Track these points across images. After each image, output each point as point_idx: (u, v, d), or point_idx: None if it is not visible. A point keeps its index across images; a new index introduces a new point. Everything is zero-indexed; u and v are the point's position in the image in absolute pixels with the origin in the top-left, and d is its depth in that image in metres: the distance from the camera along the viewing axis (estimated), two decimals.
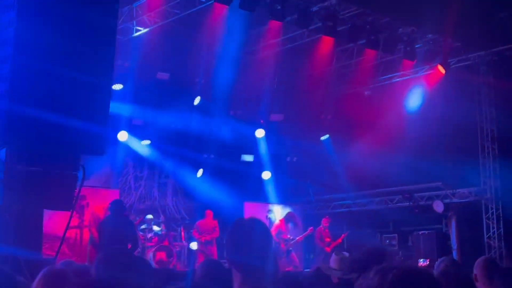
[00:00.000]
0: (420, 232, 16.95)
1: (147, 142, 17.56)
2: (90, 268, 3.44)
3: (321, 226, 16.16)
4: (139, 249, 13.25)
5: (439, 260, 5.01)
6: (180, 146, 17.94)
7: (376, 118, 17.51)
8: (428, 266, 13.64)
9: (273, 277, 3.08)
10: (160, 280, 4.19)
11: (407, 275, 2.12)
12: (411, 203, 17.66)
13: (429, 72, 16.87)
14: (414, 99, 17.09)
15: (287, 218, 15.87)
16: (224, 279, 4.60)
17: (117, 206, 11.13)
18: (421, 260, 14.66)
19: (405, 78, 17.56)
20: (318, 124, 19.33)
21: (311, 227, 16.26)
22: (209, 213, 15.74)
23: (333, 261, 5.50)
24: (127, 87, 16.20)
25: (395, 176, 17.24)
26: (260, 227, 3.06)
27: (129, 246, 10.58)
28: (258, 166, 19.20)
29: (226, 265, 5.65)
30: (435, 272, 4.06)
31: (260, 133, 19.11)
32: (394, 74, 17.71)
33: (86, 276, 3.41)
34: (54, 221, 12.64)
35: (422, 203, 17.46)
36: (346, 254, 5.71)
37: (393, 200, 18.19)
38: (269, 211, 17.08)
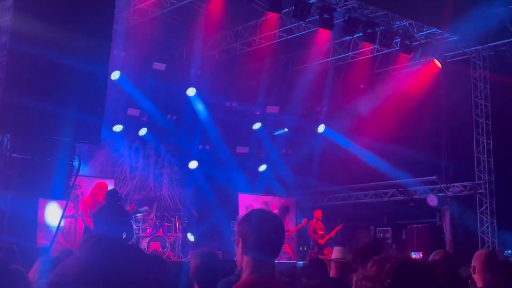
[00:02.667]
0: (414, 226, 17.00)
1: (143, 132, 17.55)
2: None
3: (314, 219, 16.17)
4: (133, 239, 13.26)
5: (434, 252, 5.02)
6: (176, 137, 17.96)
7: (371, 111, 17.54)
8: (421, 259, 13.67)
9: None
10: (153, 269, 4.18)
11: (405, 266, 2.13)
12: (405, 196, 17.72)
13: (425, 66, 16.88)
14: None
15: (282, 210, 15.87)
16: (219, 269, 4.63)
17: (113, 196, 11.13)
18: (414, 253, 14.69)
19: (401, 71, 17.58)
20: (314, 117, 19.34)
21: (305, 219, 16.28)
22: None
23: (336, 252, 5.52)
24: (123, 77, 16.18)
25: (390, 169, 17.29)
26: (275, 219, 3.12)
27: (124, 235, 10.59)
28: (253, 158, 19.21)
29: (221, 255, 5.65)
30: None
31: (256, 125, 19.13)
32: (390, 68, 17.71)
33: None
34: (48, 210, 12.68)
35: (416, 197, 17.51)
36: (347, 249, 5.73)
37: (387, 194, 18.23)
38: (264, 203, 17.07)
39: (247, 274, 2.99)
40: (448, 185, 16.85)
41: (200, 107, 18.06)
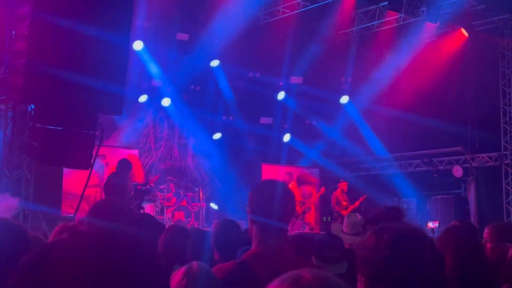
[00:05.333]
0: (439, 197, 16.92)
1: (168, 102, 17.62)
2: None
3: (338, 189, 16.16)
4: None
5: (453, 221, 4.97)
6: (199, 107, 17.99)
7: (396, 81, 17.37)
8: (438, 228, 13.59)
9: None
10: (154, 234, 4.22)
11: (403, 236, 2.12)
12: (430, 167, 17.62)
13: (451, 35, 16.62)
14: None
15: (298, 180, 15.85)
16: (239, 237, 4.66)
17: (122, 165, 11.48)
18: (430, 222, 14.57)
19: (427, 41, 17.32)
20: (338, 87, 19.21)
21: (323, 187, 16.28)
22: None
23: (345, 226, 5.47)
24: (146, 48, 16.21)
25: (414, 140, 17.17)
26: (284, 190, 3.12)
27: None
28: (276, 129, 19.20)
29: (244, 224, 5.68)
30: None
31: (280, 95, 19.07)
32: (416, 37, 17.45)
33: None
34: (75, 179, 12.89)
35: (441, 167, 17.41)
36: (359, 216, 5.63)
37: (412, 165, 18.14)
38: (287, 173, 17.10)
39: (255, 244, 3.01)
40: (474, 155, 16.70)
41: (223, 77, 18.03)
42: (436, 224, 13.81)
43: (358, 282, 2.15)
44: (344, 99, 19.12)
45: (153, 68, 16.84)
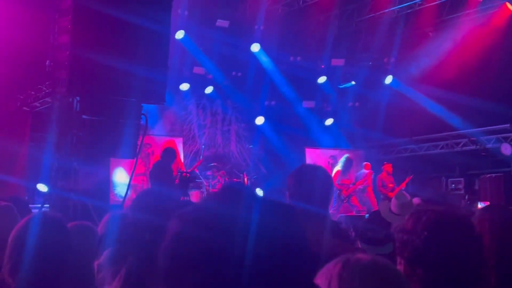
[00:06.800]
0: (487, 176, 16.57)
1: (210, 89, 17.73)
2: None
3: (383, 172, 15.98)
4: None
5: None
6: (242, 93, 18.05)
7: (441, 59, 17.04)
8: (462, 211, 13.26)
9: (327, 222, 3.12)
10: None
11: (442, 219, 2.10)
12: (478, 146, 17.28)
13: (496, 10, 16.19)
14: None
15: (346, 163, 15.63)
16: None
17: (166, 153, 11.62)
18: (480, 203, 14.26)
19: (471, 17, 16.91)
20: (381, 68, 18.94)
21: (371, 171, 16.07)
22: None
23: (394, 206, 5.33)
24: (187, 36, 16.32)
25: (461, 119, 16.86)
26: (323, 174, 3.10)
27: None
28: (319, 112, 19.11)
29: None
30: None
31: (321, 78, 18.94)
32: (460, 14, 17.05)
33: None
34: (122, 169, 13.13)
35: (489, 146, 17.05)
36: (408, 196, 5.51)
37: (459, 144, 17.81)
38: (331, 156, 17.00)
39: None
40: None
41: (264, 62, 18.01)
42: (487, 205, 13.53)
43: (397, 265, 2.13)
44: (388, 80, 18.83)
45: (194, 56, 16.94)
